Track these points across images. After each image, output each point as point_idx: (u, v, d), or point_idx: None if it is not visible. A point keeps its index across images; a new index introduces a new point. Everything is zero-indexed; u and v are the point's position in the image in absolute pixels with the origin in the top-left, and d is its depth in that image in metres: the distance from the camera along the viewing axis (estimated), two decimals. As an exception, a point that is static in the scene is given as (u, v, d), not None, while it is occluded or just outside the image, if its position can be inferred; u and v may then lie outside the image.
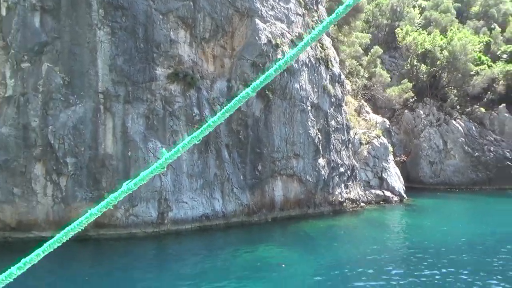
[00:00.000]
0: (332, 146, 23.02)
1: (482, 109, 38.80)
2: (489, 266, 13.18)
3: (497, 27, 44.64)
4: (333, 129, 23.27)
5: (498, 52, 41.78)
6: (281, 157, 20.32)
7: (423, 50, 38.51)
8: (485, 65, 39.34)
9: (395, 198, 26.89)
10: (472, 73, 38.46)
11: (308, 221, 20.10)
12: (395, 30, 41.10)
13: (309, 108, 21.55)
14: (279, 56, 19.31)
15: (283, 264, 13.01)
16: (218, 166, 18.60)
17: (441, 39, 38.38)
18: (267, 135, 19.96)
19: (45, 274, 11.15)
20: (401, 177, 29.01)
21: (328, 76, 23.46)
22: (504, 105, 38.21)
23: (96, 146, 16.27)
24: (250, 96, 1.26)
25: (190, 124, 17.68)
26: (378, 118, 32.78)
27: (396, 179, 27.99)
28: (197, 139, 1.24)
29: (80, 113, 16.12)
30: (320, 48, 23.35)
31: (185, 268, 13.04)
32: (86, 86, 16.26)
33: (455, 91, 39.29)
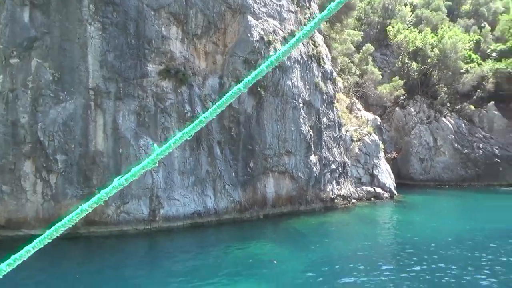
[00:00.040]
0: (323, 143, 23.12)
1: (472, 107, 39.26)
2: (478, 261, 13.37)
3: (487, 25, 45.15)
4: (324, 126, 23.36)
5: (488, 51, 42.27)
6: (273, 154, 20.35)
7: (414, 48, 38.81)
8: (475, 63, 39.78)
9: (386, 195, 27.12)
10: (462, 71, 38.88)
11: (300, 218, 20.19)
12: (387, 28, 41.33)
13: (301, 105, 21.60)
14: (271, 53, 19.29)
15: (275, 261, 13.05)
16: (210, 163, 18.56)
17: (432, 37, 38.70)
18: (259, 132, 19.96)
19: (35, 272, 11.05)
20: (391, 173, 29.26)
21: (320, 73, 23.52)
22: (493, 102, 38.71)
23: (86, 143, 16.11)
24: (242, 91, 1.26)
25: (182, 120, 17.60)
26: (370, 115, 33.00)
27: (387, 176, 28.23)
28: (188, 134, 1.24)
29: (70, 109, 15.94)
30: (312, 46, 23.39)
31: (176, 265, 13.00)
32: (76, 82, 16.07)
33: (445, 88, 39.67)
